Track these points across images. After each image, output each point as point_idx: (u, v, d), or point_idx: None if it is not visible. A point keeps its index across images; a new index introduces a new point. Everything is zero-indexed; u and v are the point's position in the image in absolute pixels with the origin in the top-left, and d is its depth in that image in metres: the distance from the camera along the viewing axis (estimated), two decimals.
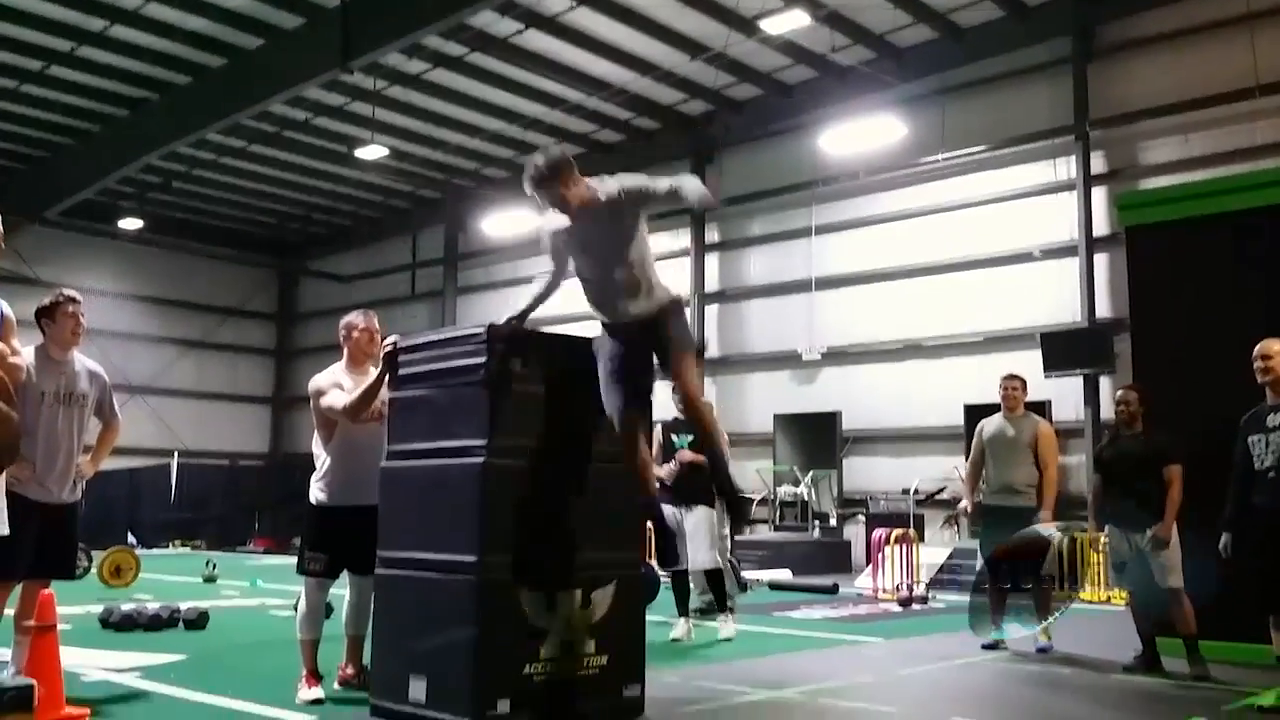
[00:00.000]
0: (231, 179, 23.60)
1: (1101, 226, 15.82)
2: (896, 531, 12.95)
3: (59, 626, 5.05)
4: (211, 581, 13.35)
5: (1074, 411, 15.74)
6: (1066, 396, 15.70)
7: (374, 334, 5.94)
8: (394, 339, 5.52)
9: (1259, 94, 14.41)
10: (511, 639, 4.85)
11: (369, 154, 19.83)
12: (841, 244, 18.91)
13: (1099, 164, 16.23)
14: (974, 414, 11.40)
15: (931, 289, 17.69)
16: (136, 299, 26.47)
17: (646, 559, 7.29)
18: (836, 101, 17.91)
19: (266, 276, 29.52)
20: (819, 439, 18.99)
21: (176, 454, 24.83)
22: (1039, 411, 9.16)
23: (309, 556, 5.72)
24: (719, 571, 8.50)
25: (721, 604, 8.46)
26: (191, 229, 26.46)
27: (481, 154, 22.04)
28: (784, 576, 14.17)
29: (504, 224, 22.52)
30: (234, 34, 16.88)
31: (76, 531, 5.53)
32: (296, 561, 5.86)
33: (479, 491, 4.91)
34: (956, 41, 17.01)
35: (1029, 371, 9.77)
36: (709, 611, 9.03)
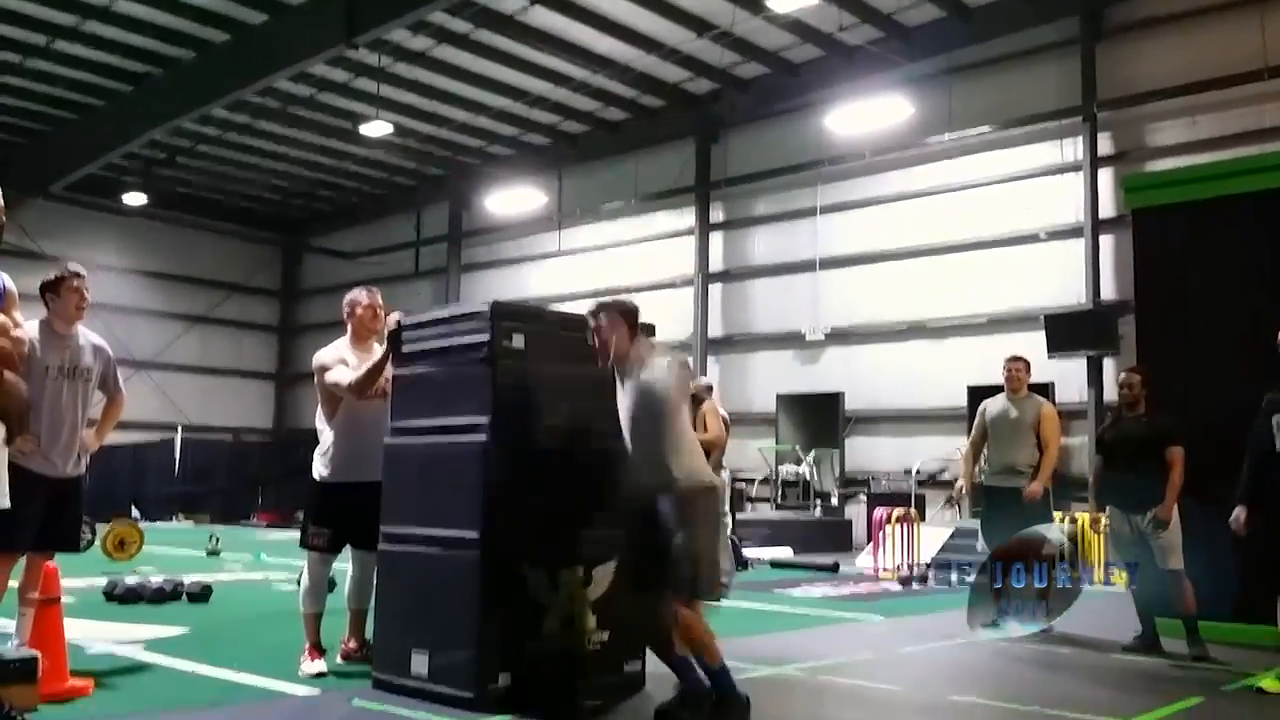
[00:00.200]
0: (236, 155, 23.55)
1: (1108, 208, 15.77)
2: (898, 511, 12.99)
3: (63, 599, 5.10)
4: (215, 555, 13.43)
5: (1077, 393, 15.73)
6: (1070, 378, 15.69)
7: (377, 310, 5.95)
8: (398, 316, 5.53)
9: (1268, 76, 14.32)
10: (513, 615, 4.88)
11: (373, 130, 19.77)
12: (847, 224, 18.86)
13: (1106, 145, 16.16)
14: (977, 395, 11.42)
15: (936, 270, 17.66)
16: (140, 274, 26.47)
17: None
18: (843, 81, 17.82)
19: (270, 252, 29.51)
20: (821, 419, 19.00)
21: (180, 429, 24.89)
22: (1042, 393, 9.15)
23: (312, 531, 5.75)
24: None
25: None
26: (195, 204, 26.42)
27: (486, 131, 21.96)
28: (785, 555, 14.23)
29: (508, 202, 22.52)
30: (238, 9, 16.80)
31: (81, 505, 5.54)
32: (300, 536, 5.89)
33: (481, 468, 4.92)
34: (964, 21, 16.90)
35: (1033, 353, 9.76)
36: None
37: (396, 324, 5.47)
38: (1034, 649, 7.01)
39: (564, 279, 22.37)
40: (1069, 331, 15.47)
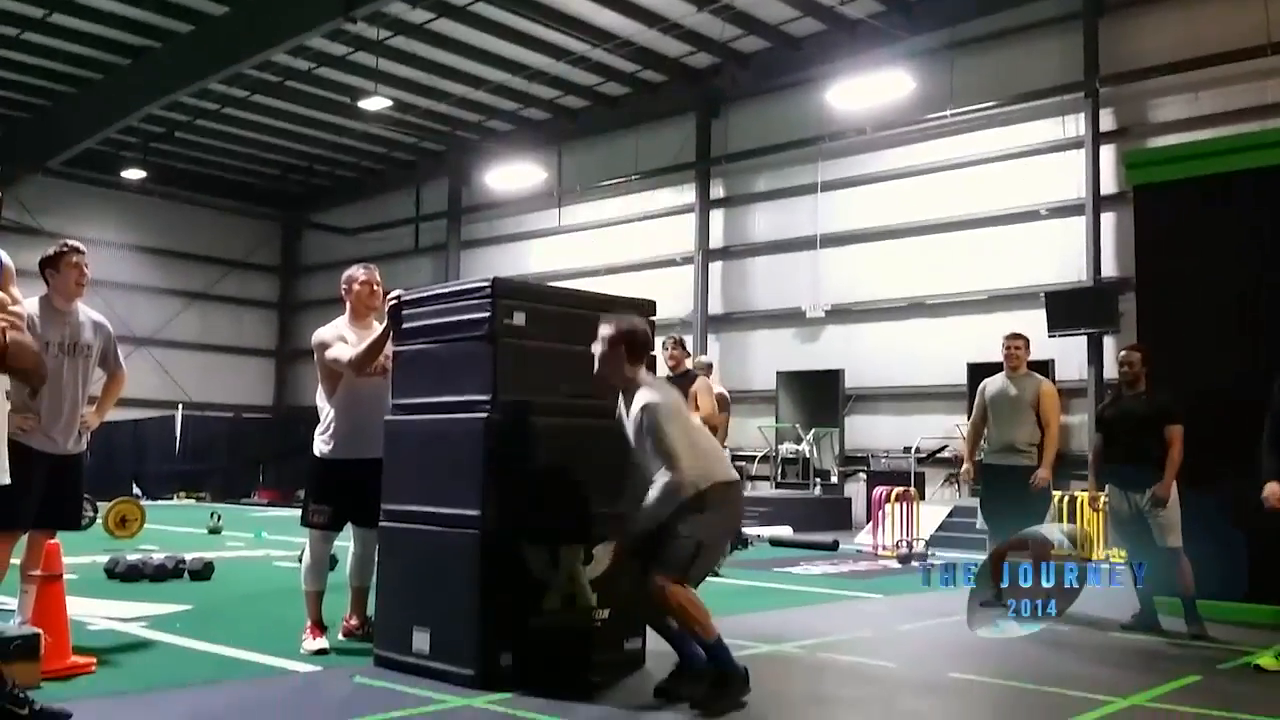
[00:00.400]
0: (234, 129, 23.44)
1: (1109, 185, 15.70)
2: (897, 489, 13.02)
3: (65, 576, 5.11)
4: (216, 533, 13.45)
5: (1077, 371, 15.72)
6: (1070, 356, 15.68)
7: (374, 287, 5.94)
8: (398, 293, 5.52)
9: (1270, 52, 14.21)
10: (514, 592, 4.89)
11: (372, 105, 19.67)
12: (847, 201, 18.80)
13: (1108, 121, 16.08)
14: (977, 373, 11.44)
15: (937, 247, 17.61)
16: (140, 250, 26.40)
17: None
18: (845, 55, 17.71)
19: (270, 229, 29.43)
20: (821, 396, 19.00)
21: (181, 406, 24.89)
22: (1042, 371, 9.15)
23: (313, 509, 5.76)
24: None
25: None
26: (194, 180, 26.32)
27: (486, 106, 21.86)
28: (785, 533, 14.26)
29: (508, 178, 22.44)
30: None
31: (82, 482, 5.55)
32: (301, 514, 5.89)
33: (482, 446, 4.92)
34: None
35: (1033, 331, 9.74)
36: None
37: (397, 300, 5.46)
38: None
39: (564, 255, 22.33)
40: (1069, 309, 15.45)
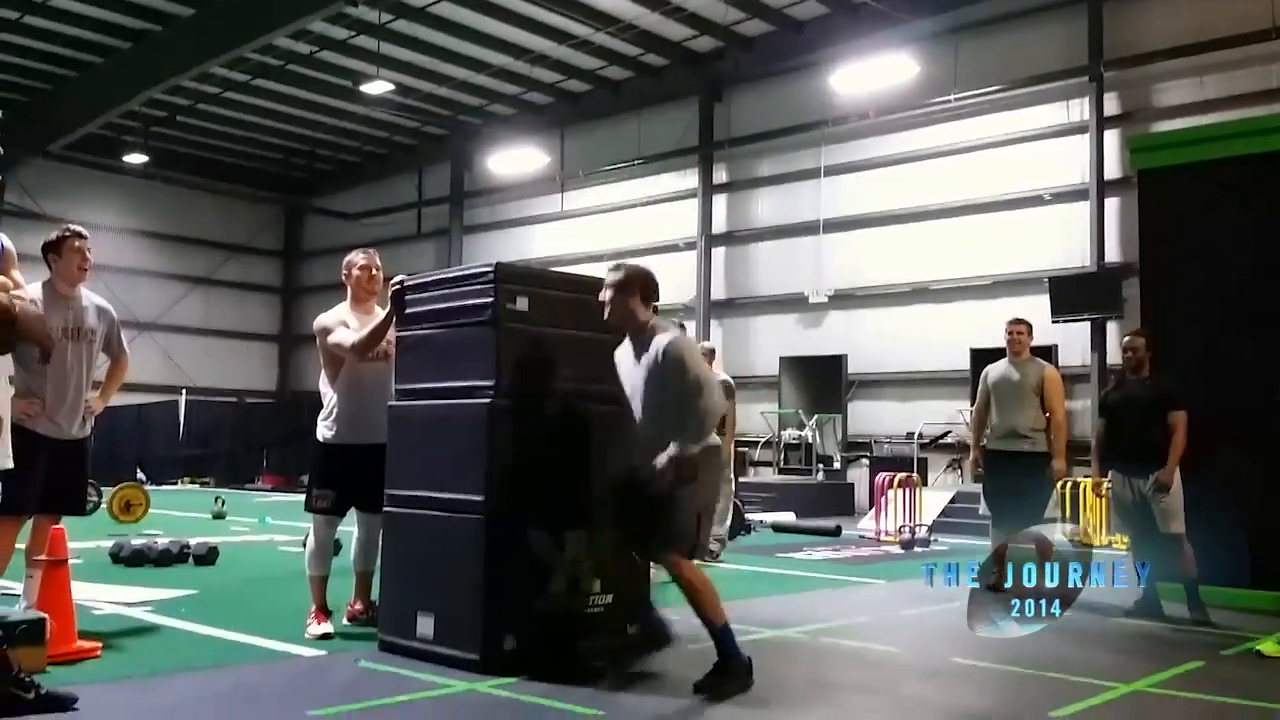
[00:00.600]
0: (236, 114, 23.40)
1: (1113, 170, 15.64)
2: (900, 475, 13.02)
3: (70, 561, 5.12)
4: (221, 518, 13.49)
5: (1080, 356, 15.70)
6: (1073, 341, 15.65)
7: (374, 272, 5.93)
8: (401, 278, 5.51)
9: (1276, 36, 14.14)
10: (518, 577, 4.90)
11: (374, 89, 19.61)
12: (850, 186, 18.75)
13: (1112, 106, 16.01)
14: (980, 358, 11.43)
15: (940, 232, 17.57)
16: (142, 234, 26.40)
17: None
18: (848, 39, 17.63)
19: (272, 213, 29.40)
20: (824, 382, 19.00)
21: (184, 391, 24.92)
22: (1045, 356, 9.11)
23: (316, 494, 5.76)
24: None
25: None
26: (196, 164, 26.28)
27: (487, 90, 21.79)
28: (787, 519, 14.27)
29: (510, 162, 22.39)
30: None
31: (87, 467, 5.56)
32: (304, 499, 5.90)
33: (486, 431, 4.93)
34: None
35: (1037, 316, 9.72)
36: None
37: (400, 285, 5.46)
38: None
39: (567, 240, 22.29)
40: (1073, 294, 15.42)
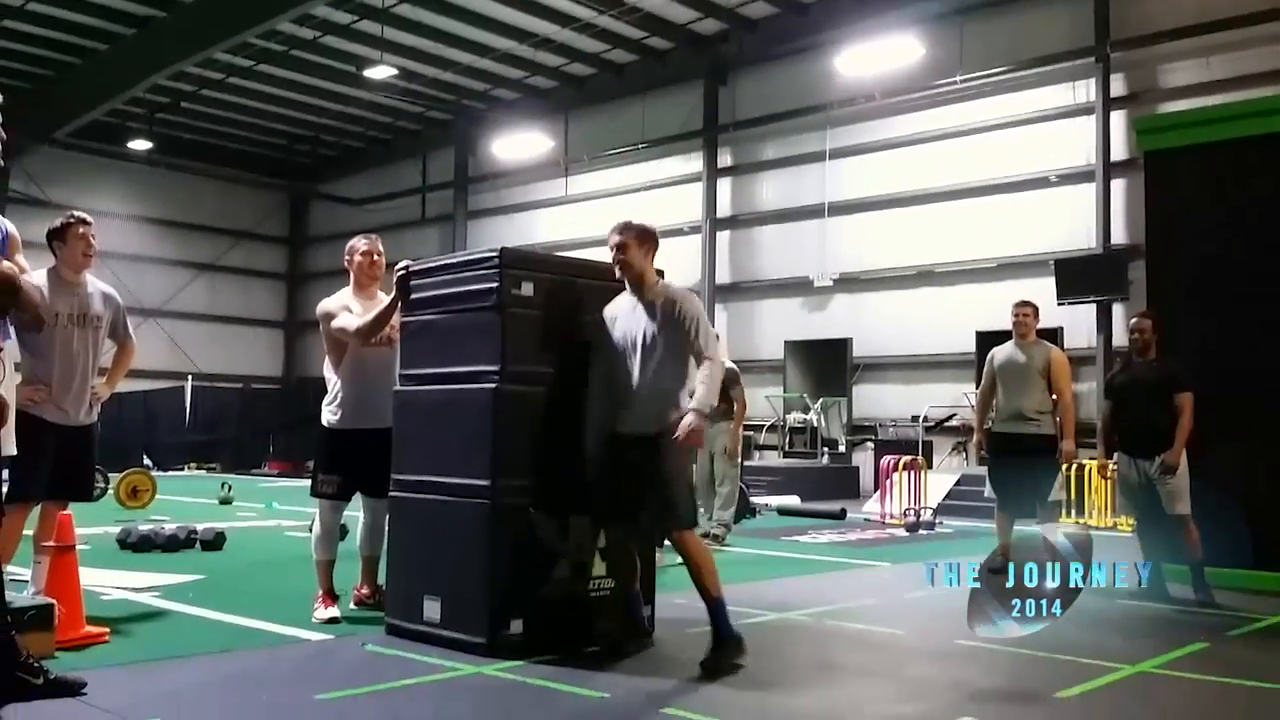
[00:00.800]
0: (240, 99, 23.36)
1: (1119, 151, 15.59)
2: (905, 458, 13.02)
3: (78, 547, 5.14)
4: (227, 503, 13.54)
5: (1086, 339, 15.68)
6: (1079, 323, 15.63)
7: (375, 257, 5.93)
8: (406, 263, 5.51)
9: None
10: (524, 561, 4.92)
11: (378, 74, 19.57)
12: (855, 168, 18.70)
13: (1119, 87, 15.94)
14: (986, 341, 11.40)
15: (946, 214, 17.52)
16: (147, 221, 26.42)
17: None
18: (853, 20, 17.54)
19: (277, 199, 29.39)
20: (829, 366, 18.99)
21: (190, 377, 24.97)
22: (1050, 339, 9.12)
23: (322, 479, 5.78)
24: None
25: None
26: (201, 151, 26.27)
27: (491, 74, 21.74)
28: (792, 502, 14.29)
29: (514, 147, 22.35)
30: None
31: (94, 453, 5.58)
32: (310, 484, 5.91)
33: (491, 416, 4.93)
34: None
35: (1042, 298, 9.71)
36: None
37: (405, 271, 5.46)
38: None
39: (571, 225, 22.26)
40: (1079, 276, 15.39)
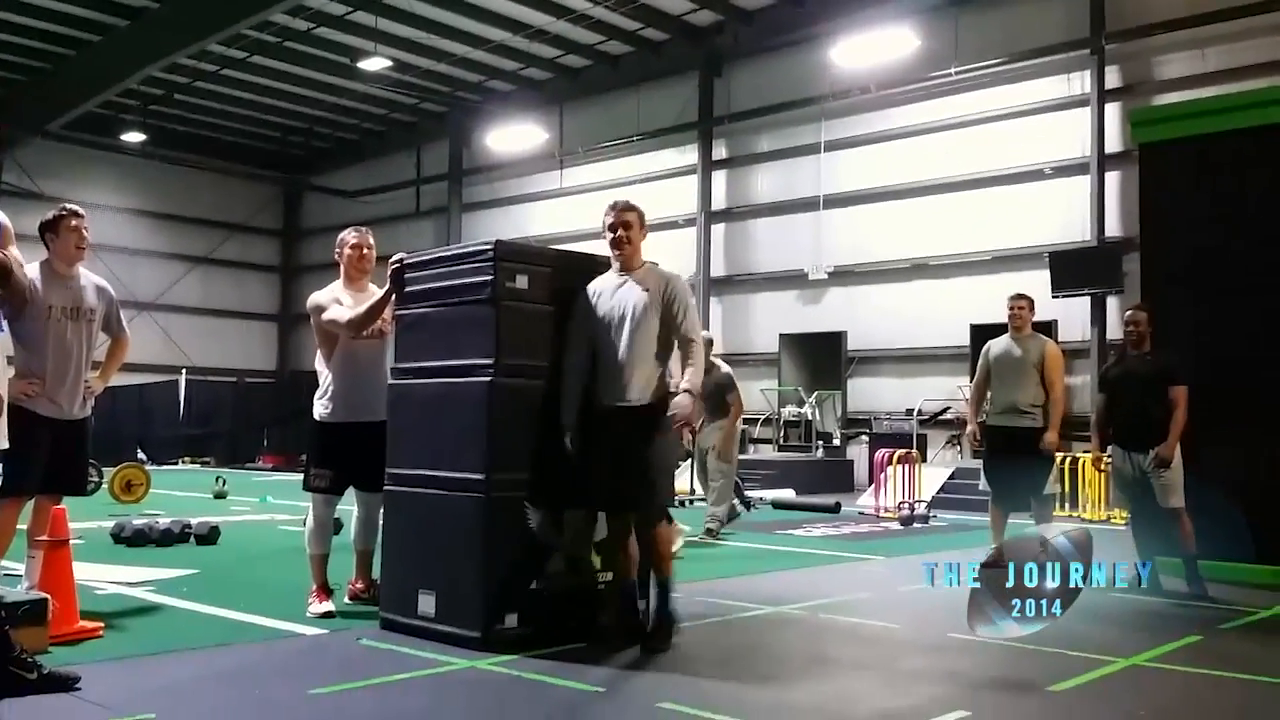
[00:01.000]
0: (233, 91, 23.28)
1: (1114, 143, 15.60)
2: (899, 451, 13.04)
3: (71, 541, 5.12)
4: (222, 498, 13.51)
5: (1081, 331, 15.70)
6: (1073, 316, 15.65)
7: (365, 250, 5.90)
8: (400, 256, 5.49)
9: (1277, 7, 14.08)
10: (519, 555, 4.92)
11: (372, 66, 19.54)
12: (850, 161, 18.69)
13: (1114, 79, 15.94)
14: (980, 334, 11.43)
15: (940, 207, 17.53)
16: (141, 214, 26.35)
17: None
18: (849, 12, 17.53)
19: (271, 192, 29.32)
20: (824, 359, 19.00)
21: (184, 371, 24.92)
22: (1045, 331, 9.10)
23: (314, 473, 5.76)
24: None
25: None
26: (194, 143, 26.20)
27: (486, 66, 21.69)
28: (787, 495, 14.30)
29: (509, 139, 22.32)
30: None
31: (88, 447, 5.55)
32: (303, 478, 5.90)
33: (486, 409, 4.92)
34: None
35: (1037, 291, 9.69)
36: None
37: (399, 264, 5.44)
38: None
39: (566, 217, 22.21)
40: (1074, 269, 15.41)
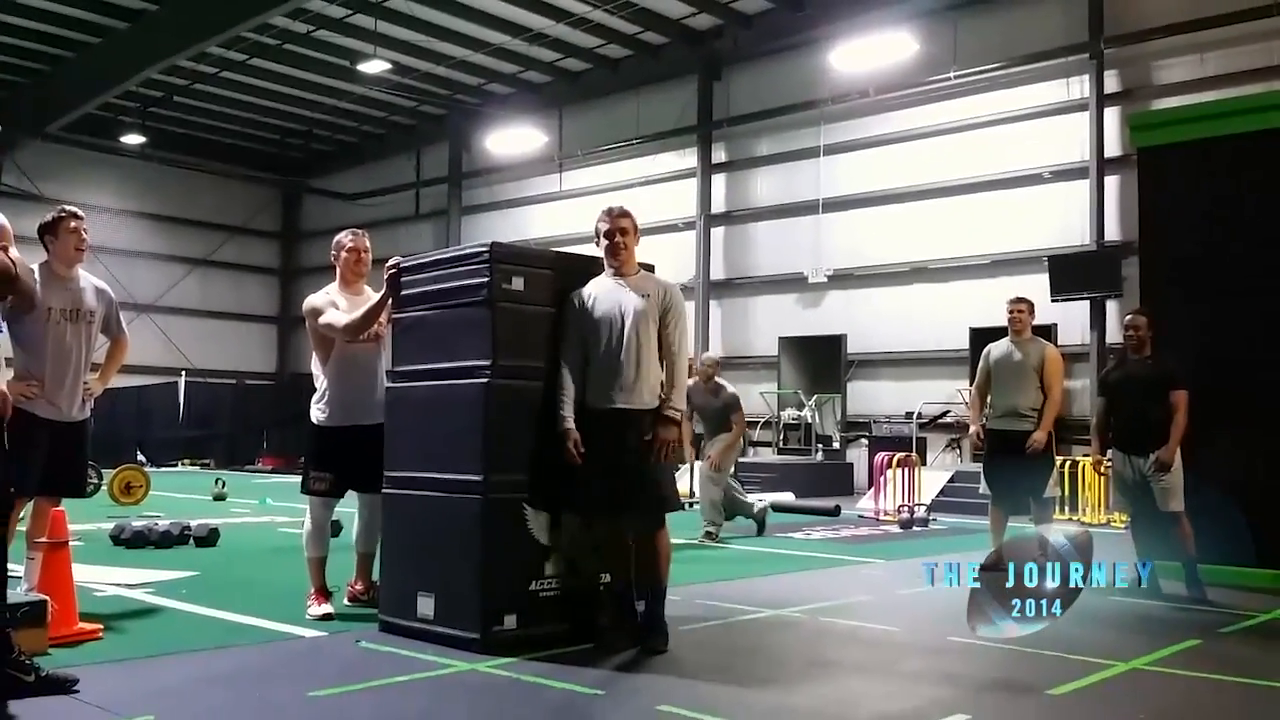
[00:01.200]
0: (233, 94, 23.27)
1: (1113, 148, 15.60)
2: (899, 455, 13.03)
3: (71, 543, 5.12)
4: (221, 500, 13.51)
5: (1080, 335, 15.69)
6: (1073, 320, 15.65)
7: (361, 253, 5.91)
8: (397, 259, 5.50)
9: (1277, 12, 14.08)
10: (517, 556, 4.92)
11: (371, 68, 19.53)
12: (850, 165, 18.70)
13: (1112, 83, 15.95)
14: (980, 337, 11.43)
15: (940, 211, 17.53)
16: (140, 216, 26.34)
17: None
18: (848, 16, 17.53)
19: (270, 194, 29.32)
20: (823, 362, 19.00)
21: (184, 373, 24.91)
22: (1044, 335, 9.12)
23: (313, 476, 5.76)
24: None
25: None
26: (193, 145, 26.20)
27: (486, 69, 21.69)
28: (787, 499, 14.28)
29: (508, 142, 22.31)
30: None
31: (87, 449, 5.55)
32: (301, 481, 5.90)
33: (483, 411, 4.93)
34: None
35: (1036, 295, 9.71)
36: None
37: (396, 267, 5.44)
38: None
39: (566, 220, 22.20)
40: (1073, 273, 15.41)
